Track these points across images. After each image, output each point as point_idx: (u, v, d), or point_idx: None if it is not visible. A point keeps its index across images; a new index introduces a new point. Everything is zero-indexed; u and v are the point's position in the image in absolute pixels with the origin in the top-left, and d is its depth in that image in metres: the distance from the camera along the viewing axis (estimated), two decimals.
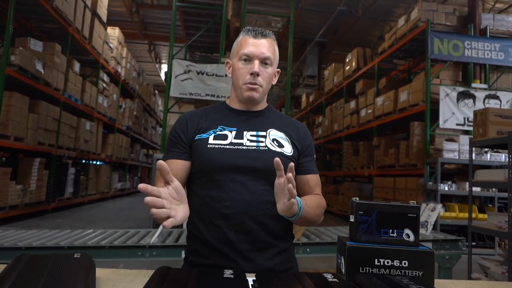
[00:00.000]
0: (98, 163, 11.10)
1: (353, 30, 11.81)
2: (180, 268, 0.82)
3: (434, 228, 5.71)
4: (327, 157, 13.42)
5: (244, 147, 1.17)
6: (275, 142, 1.21)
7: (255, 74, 1.18)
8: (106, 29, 10.15)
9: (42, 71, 6.93)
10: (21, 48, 6.39)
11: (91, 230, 2.61)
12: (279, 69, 1.31)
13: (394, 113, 7.81)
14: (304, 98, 15.02)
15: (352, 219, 1.00)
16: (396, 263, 0.93)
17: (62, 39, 7.99)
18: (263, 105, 1.30)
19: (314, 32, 12.13)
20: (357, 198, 1.01)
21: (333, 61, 12.40)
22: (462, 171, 6.71)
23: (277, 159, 0.95)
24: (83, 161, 9.95)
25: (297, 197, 1.02)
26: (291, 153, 1.22)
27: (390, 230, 0.97)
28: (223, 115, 1.25)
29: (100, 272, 0.99)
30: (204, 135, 1.19)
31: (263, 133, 1.21)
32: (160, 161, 0.86)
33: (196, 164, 1.18)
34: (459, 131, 6.76)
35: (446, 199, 6.40)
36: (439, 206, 2.49)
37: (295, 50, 13.07)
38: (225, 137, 1.19)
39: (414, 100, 7.12)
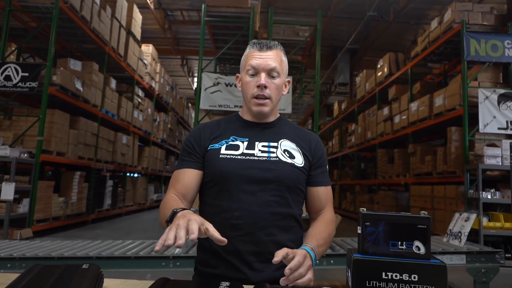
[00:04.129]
0: (134, 175, 11.50)
1: (385, 35, 11.56)
2: (179, 280, 0.83)
3: (476, 239, 5.39)
4: (362, 166, 13.09)
5: (255, 158, 1.17)
6: (286, 153, 1.21)
7: (262, 87, 1.19)
8: (140, 47, 10.61)
9: (81, 89, 7.34)
10: (61, 68, 6.82)
11: (120, 241, 2.69)
12: (289, 79, 1.31)
13: (430, 118, 7.51)
14: (336, 106, 14.82)
15: (359, 231, 0.97)
16: (405, 277, 0.88)
17: (99, 58, 8.44)
18: (274, 116, 1.31)
19: (344, 39, 11.99)
20: (364, 209, 0.98)
21: (365, 68, 12.18)
22: (506, 178, 6.28)
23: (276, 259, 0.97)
24: (121, 173, 10.35)
25: (307, 248, 1.05)
26: (302, 164, 1.22)
27: (399, 242, 0.93)
28: (236, 126, 1.27)
29: (109, 282, 1.02)
30: (216, 145, 1.21)
31: (275, 144, 1.22)
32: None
33: (208, 173, 1.20)
34: (502, 136, 6.37)
35: (490, 208, 6.02)
36: (473, 216, 2.34)
37: (326, 58, 13.00)
38: (237, 147, 1.20)
39: (450, 105, 6.82)
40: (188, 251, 2.37)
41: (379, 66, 10.40)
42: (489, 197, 5.70)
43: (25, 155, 5.96)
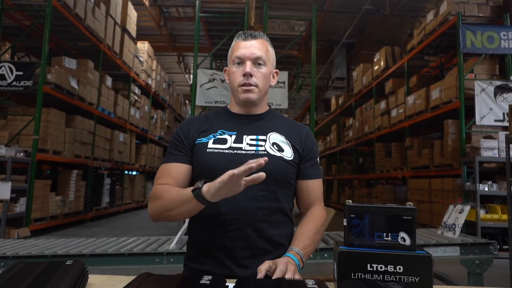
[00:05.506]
0: (132, 173, 11.49)
1: (381, 29, 11.52)
2: (162, 274, 0.82)
3: (474, 232, 5.40)
4: (360, 160, 13.10)
5: (243, 152, 1.16)
6: (275, 146, 1.19)
7: (247, 75, 1.18)
8: (136, 44, 10.56)
9: (77, 87, 7.30)
10: (56, 66, 6.78)
11: (114, 238, 2.69)
12: (277, 70, 1.30)
13: (426, 111, 7.51)
14: (333, 101, 14.80)
15: (345, 223, 0.96)
16: (390, 268, 0.88)
17: (95, 56, 8.39)
18: (263, 108, 1.29)
19: (341, 33, 11.96)
20: (350, 201, 0.97)
21: (362, 62, 12.17)
22: (503, 170, 6.29)
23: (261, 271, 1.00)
24: (118, 171, 10.33)
25: (290, 254, 1.06)
26: (291, 157, 1.20)
27: (384, 234, 0.92)
28: (224, 119, 1.26)
29: (95, 279, 1.01)
30: (204, 139, 1.20)
31: (263, 137, 1.20)
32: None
33: (196, 168, 1.19)
34: (499, 128, 6.37)
35: (488, 200, 6.03)
36: (467, 208, 2.34)
37: (322, 53, 12.96)
38: (224, 141, 1.18)
39: (447, 97, 6.81)
40: (182, 247, 2.37)
41: (375, 60, 10.38)
42: (486, 189, 5.71)
43: (21, 154, 5.94)
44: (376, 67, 10.30)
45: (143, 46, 11.35)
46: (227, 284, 0.80)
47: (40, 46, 6.51)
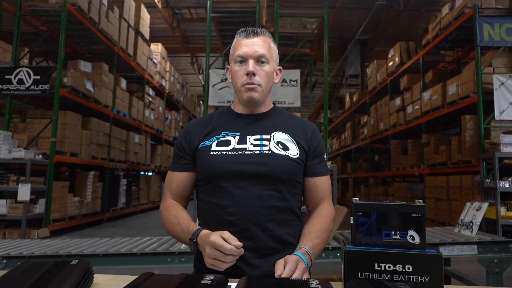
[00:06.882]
0: (148, 173, 11.63)
1: (396, 24, 11.31)
2: (164, 274, 0.82)
3: (495, 230, 5.25)
4: (376, 158, 12.92)
5: (247, 152, 1.15)
6: (279, 145, 1.18)
7: (250, 74, 1.16)
8: (149, 46, 10.68)
9: (92, 90, 7.43)
10: (72, 70, 6.91)
11: (128, 238, 2.72)
12: (280, 67, 1.29)
13: (443, 107, 7.33)
14: (347, 98, 14.64)
15: (352, 221, 0.94)
16: (398, 267, 0.85)
17: (109, 59, 8.53)
18: (267, 106, 1.28)
19: (354, 30, 11.80)
20: (357, 199, 0.95)
21: (376, 58, 11.99)
22: None
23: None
24: (134, 172, 10.47)
25: (299, 253, 1.04)
26: (297, 155, 1.18)
27: (393, 232, 0.89)
28: (227, 120, 1.25)
29: (100, 278, 1.02)
30: (207, 142, 1.20)
31: (267, 136, 1.19)
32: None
33: (200, 171, 1.19)
34: None
35: (508, 197, 5.85)
36: (485, 205, 2.26)
37: (336, 50, 12.84)
38: (228, 143, 1.18)
39: (464, 92, 6.64)
40: None
41: (390, 56, 10.22)
42: (507, 186, 5.54)
43: (40, 156, 6.08)
44: (390, 63, 10.14)
45: (157, 48, 11.47)
46: (229, 284, 0.79)
47: (56, 51, 6.65)
